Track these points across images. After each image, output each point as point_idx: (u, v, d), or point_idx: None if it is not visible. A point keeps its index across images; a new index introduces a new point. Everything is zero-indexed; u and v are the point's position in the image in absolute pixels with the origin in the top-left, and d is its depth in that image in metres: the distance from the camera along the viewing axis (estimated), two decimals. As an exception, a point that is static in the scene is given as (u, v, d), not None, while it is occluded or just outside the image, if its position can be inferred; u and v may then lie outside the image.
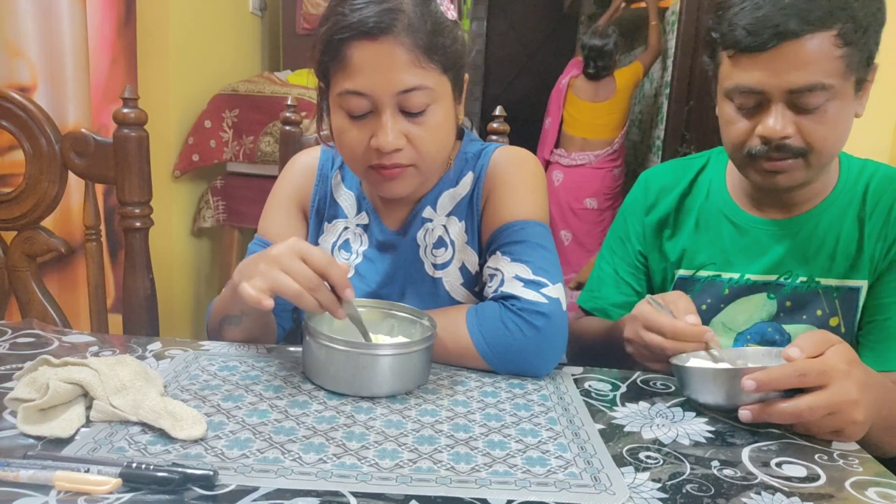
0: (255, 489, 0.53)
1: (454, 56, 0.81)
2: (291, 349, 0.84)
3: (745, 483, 0.58)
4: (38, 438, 0.59)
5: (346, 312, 0.73)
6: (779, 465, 0.61)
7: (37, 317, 1.06)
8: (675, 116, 2.95)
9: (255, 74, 2.37)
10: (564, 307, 0.80)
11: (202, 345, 0.83)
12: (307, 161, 0.99)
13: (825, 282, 0.92)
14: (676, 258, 1.00)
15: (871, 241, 0.90)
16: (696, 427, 0.69)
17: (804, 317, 0.93)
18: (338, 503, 0.52)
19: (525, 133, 3.80)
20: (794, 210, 0.93)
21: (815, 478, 0.60)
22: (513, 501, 0.53)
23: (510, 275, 0.81)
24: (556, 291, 0.80)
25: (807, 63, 0.78)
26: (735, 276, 0.95)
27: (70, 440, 0.59)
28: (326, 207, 0.96)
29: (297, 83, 2.21)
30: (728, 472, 0.60)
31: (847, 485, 0.59)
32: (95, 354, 0.78)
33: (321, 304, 0.70)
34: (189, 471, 0.52)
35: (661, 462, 0.61)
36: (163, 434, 0.60)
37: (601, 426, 0.68)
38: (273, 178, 1.01)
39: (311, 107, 1.99)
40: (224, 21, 2.37)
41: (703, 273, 0.98)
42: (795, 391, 0.65)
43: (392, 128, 0.78)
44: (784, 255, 0.93)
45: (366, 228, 0.94)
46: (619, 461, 0.61)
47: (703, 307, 0.97)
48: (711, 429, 0.69)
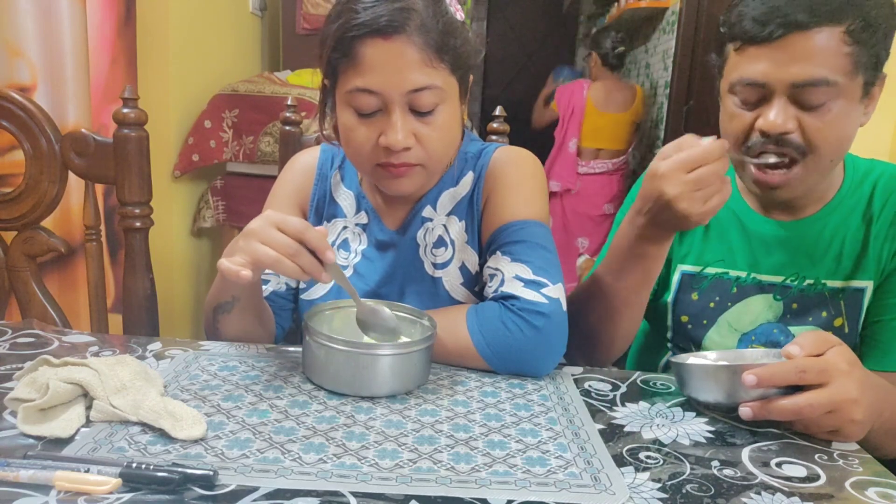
0: (255, 489, 0.53)
1: (464, 57, 0.82)
2: (291, 349, 0.84)
3: (745, 483, 0.58)
4: (38, 438, 0.59)
5: (331, 274, 0.72)
6: (779, 465, 0.61)
7: (37, 317, 1.06)
8: (675, 116, 2.95)
9: (255, 74, 2.37)
10: (564, 307, 0.80)
11: (202, 345, 0.84)
12: (306, 161, 0.99)
13: (831, 283, 0.92)
14: (682, 253, 1.00)
15: (878, 242, 0.90)
16: (696, 427, 0.69)
17: (810, 318, 0.93)
18: (338, 503, 0.52)
19: (525, 133, 3.81)
20: (801, 213, 0.93)
21: (815, 478, 0.60)
22: (513, 501, 0.53)
23: (510, 275, 0.81)
24: (557, 291, 0.80)
25: (813, 56, 0.78)
26: (742, 275, 0.95)
27: (70, 440, 0.59)
28: (325, 207, 0.96)
29: (297, 83, 2.21)
30: (728, 472, 0.60)
31: (847, 485, 0.59)
32: (95, 354, 0.78)
33: (303, 269, 0.70)
34: (189, 471, 0.52)
35: (661, 462, 0.61)
36: (163, 434, 0.60)
37: (601, 426, 0.68)
38: (273, 178, 1.01)
39: (311, 107, 1.99)
40: (224, 21, 2.37)
41: (711, 270, 0.98)
42: (795, 391, 0.65)
43: (402, 127, 0.78)
44: (791, 257, 0.93)
45: (365, 228, 0.94)
46: (619, 461, 0.61)
47: (711, 305, 0.97)
48: (711, 429, 0.69)
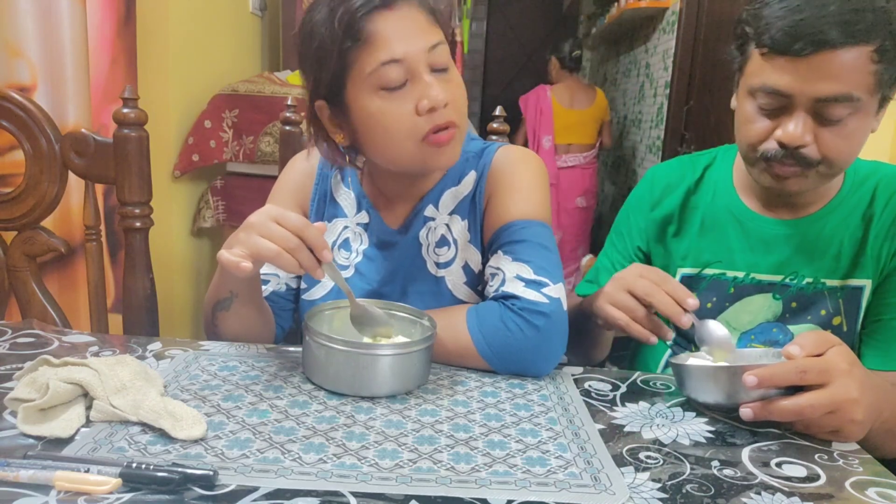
0: (255, 489, 0.53)
1: (447, 17, 0.83)
2: (291, 349, 0.84)
3: (745, 483, 0.58)
4: (38, 438, 0.59)
5: (326, 272, 0.73)
6: (779, 465, 0.61)
7: (37, 317, 1.06)
8: (675, 116, 2.95)
9: (255, 74, 2.37)
10: (565, 307, 0.80)
11: (202, 345, 0.84)
12: (306, 162, 0.99)
13: (830, 282, 0.92)
14: (681, 255, 1.00)
15: (878, 241, 0.90)
16: (696, 427, 0.69)
17: (809, 317, 0.93)
18: (338, 503, 0.52)
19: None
20: (801, 211, 0.93)
21: (815, 478, 0.60)
22: (513, 501, 0.53)
23: (511, 274, 0.81)
24: (557, 291, 0.80)
25: (839, 74, 0.77)
26: (740, 275, 0.95)
27: (70, 440, 0.59)
28: (326, 207, 0.96)
29: (297, 83, 2.21)
30: (728, 472, 0.60)
31: (847, 485, 0.59)
32: (95, 354, 0.78)
33: (301, 264, 0.70)
34: (189, 471, 0.52)
35: (661, 462, 0.61)
36: (163, 434, 0.60)
37: (601, 426, 0.68)
38: (273, 179, 1.01)
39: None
40: (224, 21, 2.37)
41: (709, 271, 0.98)
42: (795, 391, 0.65)
43: (437, 85, 0.78)
44: (790, 256, 0.93)
45: (366, 227, 0.94)
46: (619, 461, 0.61)
47: (709, 305, 0.97)
48: (711, 429, 0.69)
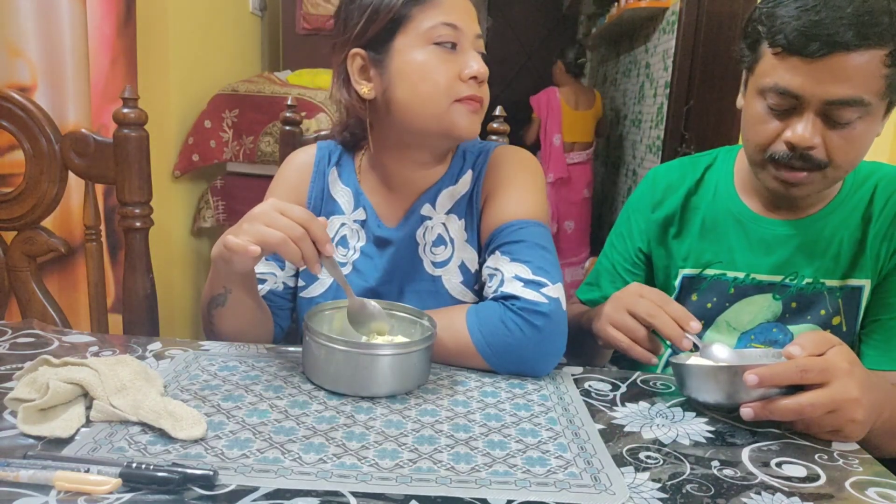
0: (255, 489, 0.53)
1: (482, 29, 0.90)
2: (291, 349, 0.84)
3: (745, 483, 0.58)
4: (38, 438, 0.59)
5: (326, 267, 0.75)
6: (779, 465, 0.61)
7: (37, 317, 1.06)
8: (675, 116, 2.95)
9: (255, 74, 2.37)
10: (564, 307, 0.80)
11: (202, 345, 0.84)
12: (303, 158, 0.99)
13: (829, 282, 0.92)
14: (682, 256, 1.00)
15: (877, 241, 0.90)
16: (696, 427, 0.69)
17: (808, 317, 0.93)
18: (338, 503, 0.52)
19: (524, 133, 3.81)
20: (802, 212, 0.93)
21: (815, 478, 0.60)
22: (513, 501, 0.53)
23: (510, 274, 0.81)
24: (556, 291, 0.80)
25: (851, 77, 0.77)
26: (741, 276, 0.95)
27: (70, 440, 0.59)
28: (323, 204, 0.96)
29: (297, 83, 2.21)
30: (728, 472, 0.60)
31: (847, 485, 0.59)
32: (95, 354, 0.78)
33: (303, 255, 0.71)
34: (189, 471, 0.53)
35: (661, 462, 0.61)
36: (163, 434, 0.60)
37: (601, 426, 0.68)
38: (273, 179, 1.01)
39: (311, 107, 1.99)
40: (224, 21, 2.37)
41: (709, 272, 0.98)
42: (796, 391, 0.65)
43: (480, 62, 0.85)
44: (790, 256, 0.93)
45: (363, 224, 0.94)
46: (619, 461, 0.61)
47: (709, 305, 0.97)
48: (711, 429, 0.69)
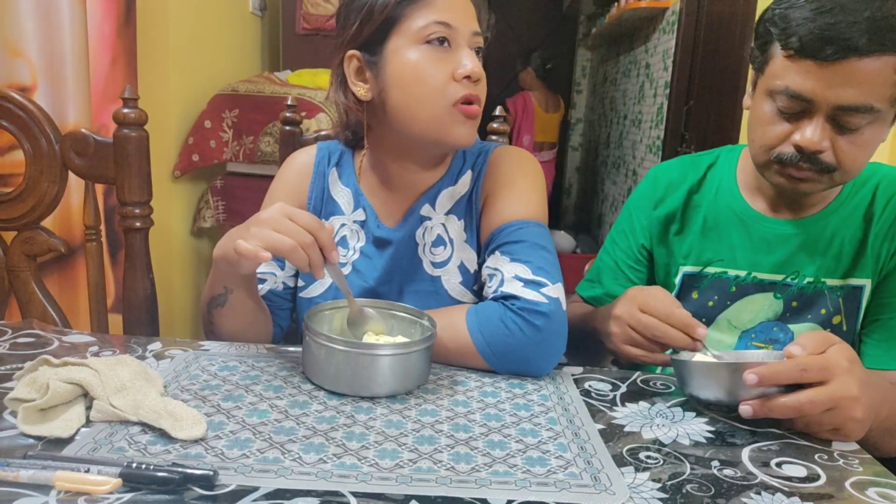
0: (255, 489, 0.53)
1: (486, 32, 0.90)
2: (291, 349, 0.84)
3: (745, 483, 0.58)
4: (38, 438, 0.59)
5: (328, 272, 0.75)
6: (779, 465, 0.61)
7: (37, 317, 1.06)
8: (675, 116, 2.95)
9: (255, 74, 2.37)
10: (564, 307, 0.80)
11: (202, 345, 0.84)
12: (303, 159, 0.99)
13: (830, 282, 0.92)
14: (683, 254, 1.00)
15: (878, 240, 0.90)
16: (696, 427, 0.69)
17: (809, 316, 0.93)
18: (338, 503, 0.52)
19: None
20: (804, 211, 0.93)
21: (815, 478, 0.60)
22: (513, 501, 0.53)
23: (510, 275, 0.81)
24: (556, 291, 0.80)
25: (863, 83, 0.77)
26: (742, 274, 0.95)
27: (70, 440, 0.59)
28: (323, 205, 0.96)
29: (297, 83, 2.21)
30: (728, 472, 0.60)
31: (847, 485, 0.59)
32: (95, 354, 0.78)
33: (311, 261, 0.72)
34: (189, 471, 0.53)
35: (661, 462, 0.61)
36: (163, 434, 0.60)
37: (601, 426, 0.68)
38: (273, 179, 1.01)
39: (311, 107, 1.99)
40: (224, 21, 2.37)
41: (710, 270, 0.98)
42: (795, 390, 0.65)
43: (475, 60, 0.83)
44: (792, 255, 0.93)
45: (362, 225, 0.94)
46: (619, 461, 0.61)
47: (710, 304, 0.97)
48: (711, 429, 0.69)
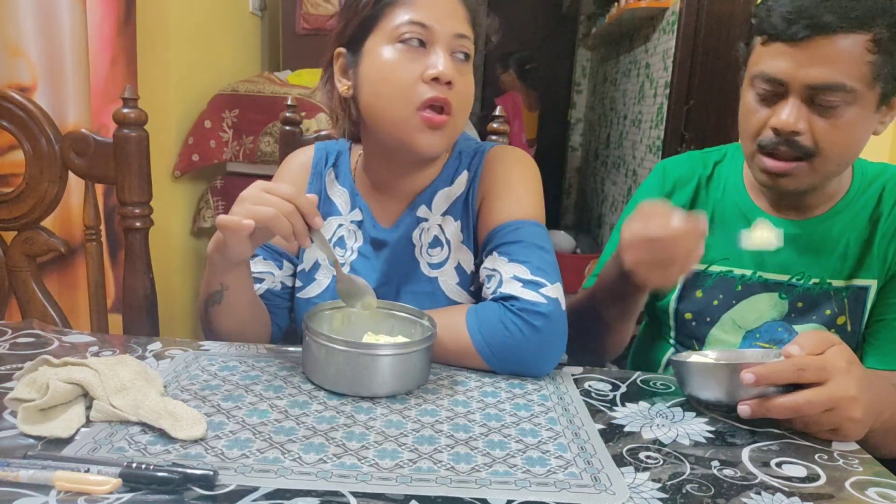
0: (255, 489, 0.53)
1: (478, 38, 0.87)
2: (291, 349, 0.84)
3: (745, 483, 0.58)
4: (38, 438, 0.59)
5: (315, 240, 0.75)
6: (779, 465, 0.61)
7: (37, 317, 1.06)
8: (675, 116, 2.95)
9: (255, 74, 2.37)
10: (563, 307, 0.80)
11: (202, 345, 0.83)
12: (301, 160, 0.99)
13: (836, 282, 0.92)
14: None
15: (885, 241, 0.90)
16: (696, 427, 0.69)
17: (814, 317, 0.93)
18: (338, 503, 0.52)
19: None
20: (809, 212, 0.93)
21: (815, 478, 0.60)
22: (513, 501, 0.53)
23: (508, 275, 0.81)
24: (555, 291, 0.80)
25: (833, 61, 0.78)
26: (748, 273, 0.95)
27: (70, 440, 0.59)
28: (320, 205, 0.96)
29: (297, 83, 2.21)
30: (728, 472, 0.60)
31: (847, 485, 0.59)
32: (95, 354, 0.78)
33: (293, 229, 0.73)
34: (189, 471, 0.53)
35: (661, 462, 0.61)
36: (163, 434, 0.60)
37: (601, 426, 0.68)
38: (271, 179, 1.02)
39: (312, 107, 1.99)
40: (224, 21, 2.37)
41: (716, 268, 0.98)
42: (794, 390, 0.65)
43: (450, 64, 0.81)
44: (797, 256, 0.93)
45: (360, 225, 0.95)
46: (619, 461, 0.61)
47: (715, 302, 0.97)
48: (711, 429, 0.69)
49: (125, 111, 1.04)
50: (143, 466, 0.52)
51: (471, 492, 0.54)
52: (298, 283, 0.96)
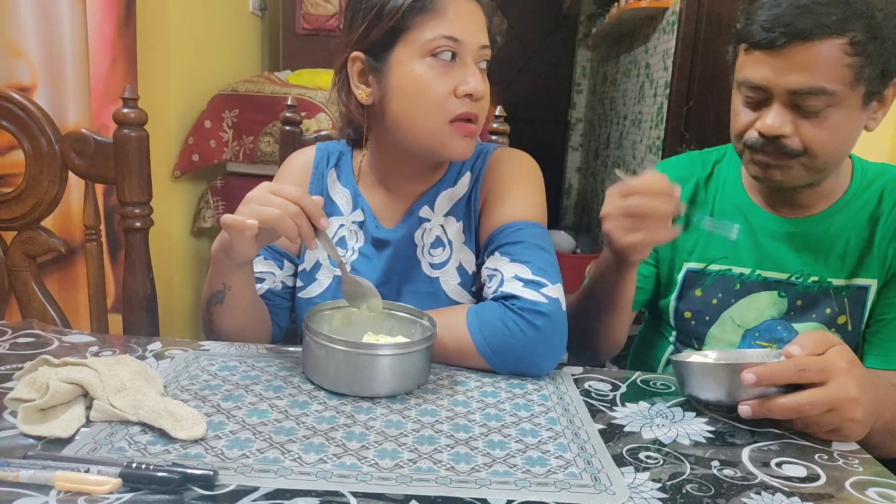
0: (255, 489, 0.53)
1: (494, 40, 0.88)
2: (291, 349, 0.84)
3: (745, 483, 0.58)
4: (38, 438, 0.59)
5: (321, 242, 0.75)
6: (779, 465, 0.61)
7: (37, 317, 1.06)
8: (675, 116, 2.95)
9: (255, 74, 2.37)
10: (564, 307, 0.80)
11: (202, 345, 0.84)
12: (302, 160, 0.99)
13: (836, 282, 0.92)
14: (688, 250, 1.00)
15: (885, 241, 0.90)
16: (696, 427, 0.69)
17: (814, 315, 0.93)
18: (338, 503, 0.52)
19: (525, 133, 3.81)
20: (807, 211, 0.93)
21: (815, 478, 0.60)
22: (513, 501, 0.53)
23: (510, 275, 0.81)
24: (556, 291, 0.80)
25: (812, 66, 0.79)
26: (746, 272, 0.96)
27: (70, 440, 0.59)
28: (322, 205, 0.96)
29: (297, 83, 2.21)
30: (728, 472, 0.60)
31: (847, 485, 0.59)
32: (95, 354, 0.78)
33: (299, 231, 0.73)
34: (189, 471, 0.53)
35: (661, 462, 0.61)
36: (163, 434, 0.60)
37: (601, 426, 0.68)
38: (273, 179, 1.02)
39: (311, 107, 1.99)
40: (224, 21, 2.37)
41: (715, 267, 0.98)
42: (795, 390, 0.65)
43: (478, 78, 0.83)
44: (796, 255, 0.93)
45: (361, 225, 0.95)
46: (619, 461, 0.61)
47: (714, 301, 0.97)
48: (711, 429, 0.69)
49: (125, 111, 1.04)
50: (143, 466, 0.52)
51: (471, 492, 0.54)
52: (299, 283, 0.96)
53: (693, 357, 0.79)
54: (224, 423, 0.63)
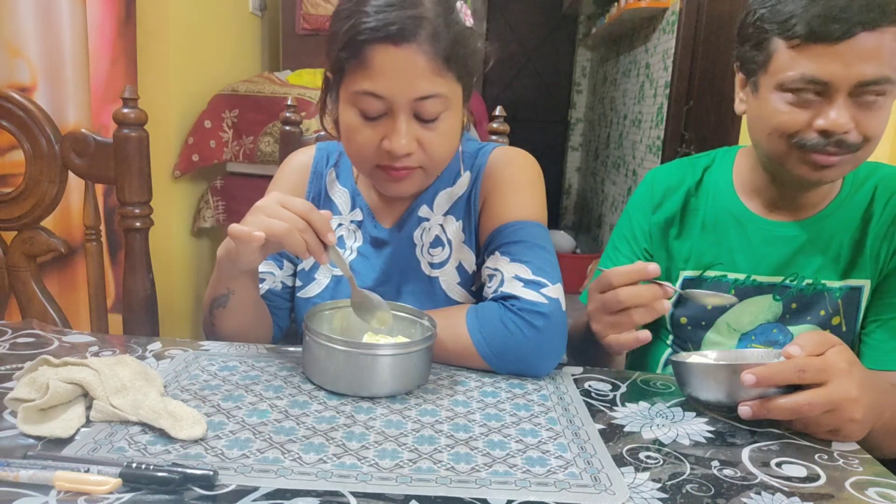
0: (255, 489, 0.53)
1: (471, 65, 0.81)
2: (291, 349, 0.84)
3: (745, 483, 0.58)
4: (38, 438, 0.59)
5: (331, 256, 0.75)
6: (779, 465, 0.61)
7: (37, 317, 1.06)
8: (675, 116, 2.95)
9: (255, 74, 2.38)
10: (564, 307, 0.80)
11: (202, 345, 0.84)
12: (302, 160, 0.99)
13: (830, 283, 0.92)
14: (683, 258, 1.00)
15: (877, 241, 0.90)
16: (696, 427, 0.69)
17: (808, 318, 0.93)
18: (338, 503, 0.52)
19: (525, 133, 3.81)
20: (802, 213, 0.93)
21: (815, 478, 0.60)
22: (513, 501, 0.53)
23: (510, 275, 0.81)
24: (556, 292, 0.80)
25: (879, 55, 0.78)
26: (741, 277, 0.95)
27: (70, 440, 0.59)
28: (321, 205, 0.96)
29: (297, 83, 2.21)
30: (728, 472, 0.60)
31: (847, 485, 0.59)
32: (95, 354, 0.78)
33: (307, 246, 0.72)
34: (189, 471, 0.52)
35: (661, 462, 0.61)
36: (163, 434, 0.60)
37: (601, 426, 0.68)
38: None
39: (311, 107, 1.99)
40: (224, 21, 2.37)
41: (710, 273, 0.98)
42: (795, 391, 0.65)
43: (406, 133, 0.78)
44: (791, 257, 0.93)
45: (360, 225, 0.95)
46: (619, 461, 0.61)
47: (709, 307, 0.97)
48: (711, 429, 0.69)
49: (125, 111, 1.04)
50: (143, 466, 0.52)
51: (471, 492, 0.54)
52: (298, 283, 0.96)
53: (693, 357, 0.79)
54: (224, 423, 0.63)
